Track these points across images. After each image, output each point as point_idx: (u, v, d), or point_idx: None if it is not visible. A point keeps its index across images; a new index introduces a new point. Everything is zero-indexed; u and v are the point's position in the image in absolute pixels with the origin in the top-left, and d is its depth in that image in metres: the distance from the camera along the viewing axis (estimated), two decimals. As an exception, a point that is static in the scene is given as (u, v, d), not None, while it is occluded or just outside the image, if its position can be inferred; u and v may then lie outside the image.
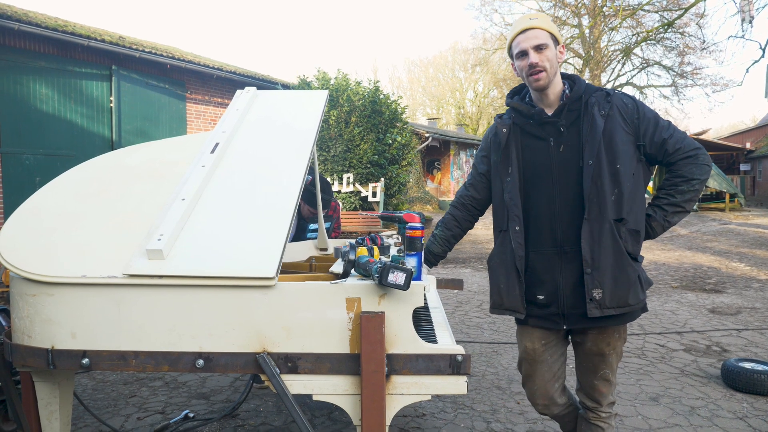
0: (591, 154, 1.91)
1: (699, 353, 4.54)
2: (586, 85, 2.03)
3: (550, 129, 2.01)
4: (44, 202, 2.22)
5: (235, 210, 2.12)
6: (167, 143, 2.63)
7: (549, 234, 1.98)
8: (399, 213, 2.31)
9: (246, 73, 12.14)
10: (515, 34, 1.99)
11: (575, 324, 1.99)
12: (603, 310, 1.91)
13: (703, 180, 1.94)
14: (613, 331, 2.03)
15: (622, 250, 1.91)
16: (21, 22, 7.78)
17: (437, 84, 41.78)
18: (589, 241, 1.90)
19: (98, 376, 3.95)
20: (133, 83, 9.84)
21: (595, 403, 2.13)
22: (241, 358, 1.87)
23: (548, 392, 2.15)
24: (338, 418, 3.23)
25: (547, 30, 1.96)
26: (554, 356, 2.12)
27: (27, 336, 1.95)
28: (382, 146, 10.63)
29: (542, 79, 1.95)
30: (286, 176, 2.27)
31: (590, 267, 1.91)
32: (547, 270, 1.99)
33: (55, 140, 8.62)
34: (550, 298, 1.99)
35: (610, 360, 2.06)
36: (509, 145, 2.05)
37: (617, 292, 1.91)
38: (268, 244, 1.94)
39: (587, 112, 1.96)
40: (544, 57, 1.94)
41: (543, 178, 2.00)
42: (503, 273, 2.05)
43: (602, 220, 1.90)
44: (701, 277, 8.35)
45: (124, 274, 1.87)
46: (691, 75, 26.43)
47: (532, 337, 2.10)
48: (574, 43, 26.84)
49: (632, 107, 1.97)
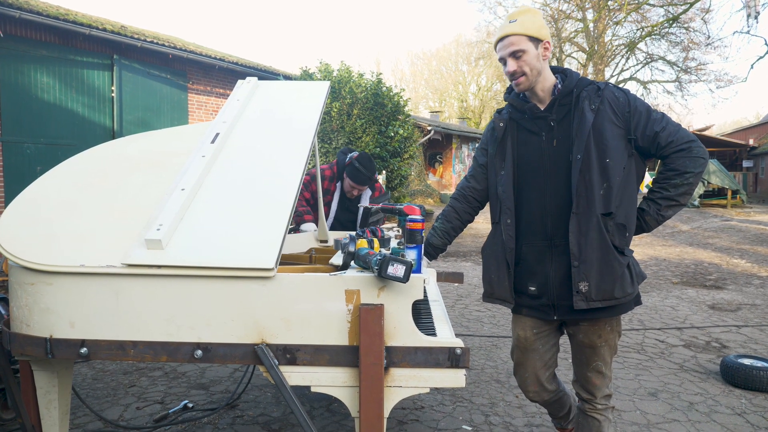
0: (579, 149, 1.93)
1: (698, 349, 4.54)
2: (579, 78, 2.04)
3: (542, 123, 2.05)
4: (43, 191, 2.21)
5: (235, 200, 2.11)
6: (167, 133, 2.62)
7: (540, 227, 2.03)
8: (399, 205, 2.30)
9: (248, 64, 12.10)
10: (495, 42, 2.04)
11: (565, 315, 2.03)
12: (589, 303, 1.94)
13: (698, 173, 1.93)
14: (605, 323, 2.05)
15: (608, 244, 1.92)
16: (22, 10, 7.75)
17: (440, 77, 41.67)
18: (576, 234, 1.93)
19: (98, 366, 3.96)
20: (135, 73, 9.80)
21: (589, 395, 2.15)
22: (240, 348, 1.87)
23: (539, 380, 2.19)
24: (337, 410, 3.23)
25: (524, 34, 1.95)
26: (546, 345, 2.16)
27: (26, 325, 1.94)
28: (384, 139, 10.59)
29: (522, 84, 2.00)
30: (286, 167, 2.26)
31: (577, 260, 1.94)
32: (538, 262, 2.04)
33: (56, 129, 8.60)
34: (541, 289, 2.04)
35: (602, 352, 2.08)
36: (505, 140, 2.10)
37: (603, 285, 1.93)
38: (267, 235, 1.93)
39: (578, 107, 1.97)
40: (522, 63, 1.97)
41: (535, 172, 2.04)
42: (494, 264, 2.12)
43: (590, 214, 1.92)
44: (702, 273, 8.34)
45: (123, 263, 1.86)
46: (695, 71, 26.33)
47: (524, 326, 2.15)
48: (578, 37, 26.72)
49: (624, 101, 1.97)
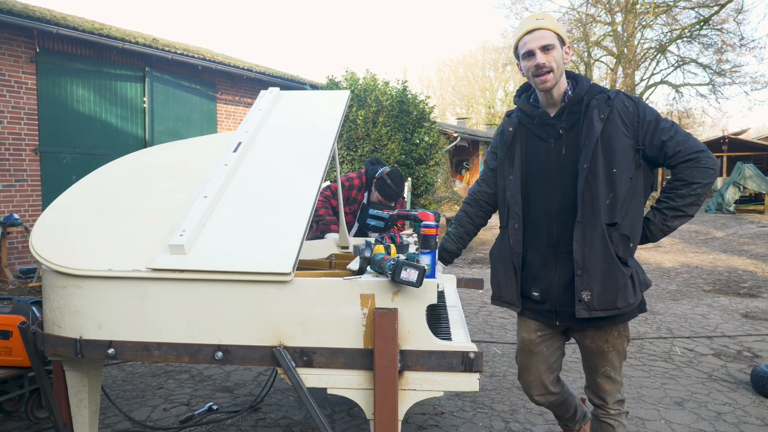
0: (586, 158, 1.94)
1: (729, 358, 4.43)
2: (590, 85, 2.03)
3: (550, 130, 2.04)
4: (74, 199, 2.32)
5: (255, 208, 2.17)
6: (191, 143, 2.71)
7: (546, 233, 2.03)
8: (414, 211, 2.33)
9: (275, 74, 12.30)
10: (522, 35, 2.00)
11: (567, 322, 2.03)
12: (591, 312, 1.95)
13: (706, 184, 1.90)
14: (612, 328, 2.04)
15: (612, 255, 1.93)
16: (59, 26, 8.05)
17: (467, 83, 41.56)
18: (580, 243, 1.94)
19: (128, 368, 4.08)
20: (166, 84, 10.07)
21: (601, 400, 2.15)
22: (259, 351, 1.92)
23: (543, 383, 2.19)
24: (357, 414, 3.27)
25: (553, 31, 1.97)
26: (550, 349, 2.17)
27: (57, 326, 2.04)
28: (410, 146, 10.63)
29: (549, 81, 1.97)
30: (305, 176, 2.32)
31: (581, 269, 1.94)
32: (542, 268, 2.04)
33: (90, 140, 8.88)
34: (544, 295, 2.05)
35: (610, 357, 2.07)
36: (514, 144, 2.10)
37: (605, 295, 1.94)
38: (285, 241, 1.99)
39: (587, 116, 1.97)
40: (551, 58, 1.95)
41: (543, 179, 2.04)
42: (502, 268, 2.13)
43: (594, 224, 1.93)
44: (735, 280, 8.13)
45: (148, 268, 1.94)
46: (729, 73, 25.67)
47: (528, 329, 2.16)
48: (607, 40, 26.35)
49: (633, 110, 1.96)
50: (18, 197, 7.99)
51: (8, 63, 7.79)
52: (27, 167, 8.08)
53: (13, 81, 7.86)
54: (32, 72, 8.07)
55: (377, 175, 3.88)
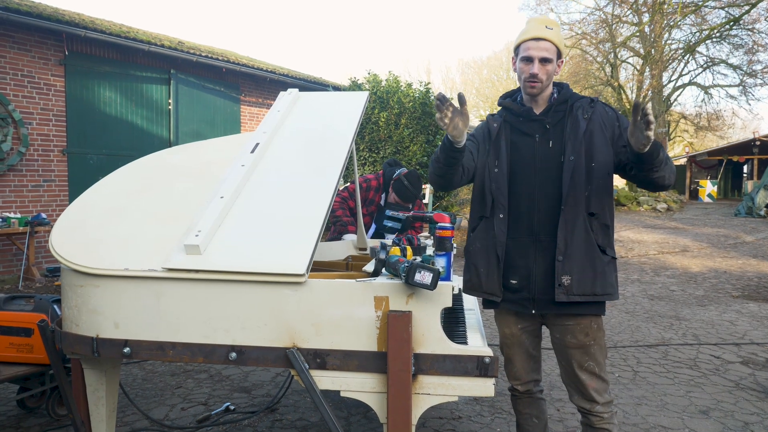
0: (573, 151, 2.06)
1: (758, 366, 4.30)
2: (572, 92, 2.20)
3: (536, 126, 2.15)
4: (93, 198, 2.35)
5: (271, 209, 2.17)
6: (211, 143, 2.73)
7: (526, 223, 2.11)
8: (429, 213, 2.31)
9: (298, 76, 12.38)
10: (527, 38, 2.10)
11: (543, 309, 2.11)
12: (569, 296, 2.04)
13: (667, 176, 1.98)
14: (591, 321, 2.12)
15: (593, 242, 2.06)
16: (87, 29, 8.21)
17: (491, 85, 41.27)
18: (564, 231, 2.04)
19: (148, 367, 4.13)
20: (190, 86, 10.20)
21: (590, 402, 2.15)
22: (272, 352, 1.92)
23: (528, 371, 2.28)
24: (374, 417, 3.25)
25: (556, 44, 2.09)
26: (530, 338, 2.26)
27: (75, 325, 2.06)
28: (432, 148, 10.58)
29: (536, 89, 2.11)
30: (321, 177, 2.31)
31: (562, 255, 2.04)
32: (521, 256, 2.12)
33: (117, 141, 9.04)
34: (523, 282, 2.11)
35: (593, 352, 2.13)
36: (499, 139, 2.18)
37: (584, 280, 2.04)
38: (300, 241, 1.98)
39: (572, 114, 2.12)
40: (545, 71, 2.08)
41: (526, 171, 2.13)
42: (483, 257, 2.16)
43: (577, 212, 2.05)
44: (765, 286, 7.90)
45: (164, 267, 1.95)
46: (761, 74, 25.02)
47: (508, 323, 2.23)
48: (633, 41, 25.91)
49: (612, 115, 2.14)
50: (46, 197, 8.17)
51: (38, 66, 7.97)
52: (55, 168, 8.25)
53: (43, 83, 8.04)
54: (61, 74, 8.24)
55: (394, 176, 3.86)
